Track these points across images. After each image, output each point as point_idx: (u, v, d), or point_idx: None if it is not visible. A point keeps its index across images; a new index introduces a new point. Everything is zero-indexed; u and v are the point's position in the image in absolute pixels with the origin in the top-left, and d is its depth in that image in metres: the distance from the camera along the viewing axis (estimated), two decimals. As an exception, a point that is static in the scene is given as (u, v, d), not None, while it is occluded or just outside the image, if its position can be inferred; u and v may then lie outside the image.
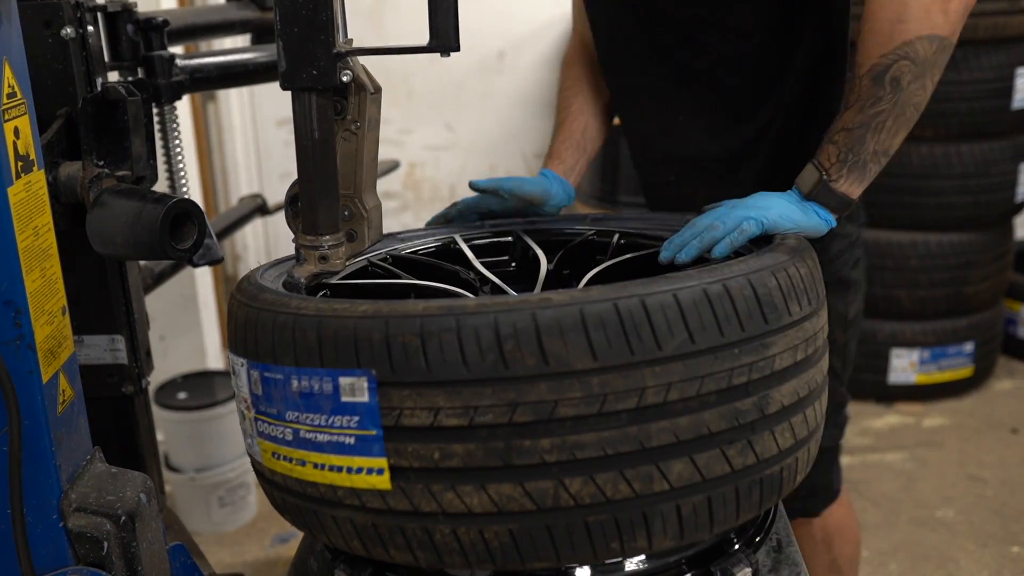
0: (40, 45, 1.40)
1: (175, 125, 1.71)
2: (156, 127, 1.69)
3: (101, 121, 1.38)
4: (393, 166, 2.81)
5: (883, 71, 1.29)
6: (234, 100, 3.86)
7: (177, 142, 1.72)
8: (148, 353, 1.63)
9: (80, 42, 1.43)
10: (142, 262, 1.78)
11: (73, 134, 1.42)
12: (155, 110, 1.68)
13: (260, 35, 2.21)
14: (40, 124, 1.18)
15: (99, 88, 1.46)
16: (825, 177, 1.31)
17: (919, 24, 1.28)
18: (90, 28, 1.45)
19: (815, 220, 1.30)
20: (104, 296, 1.53)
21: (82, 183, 1.35)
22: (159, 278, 2.01)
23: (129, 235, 1.30)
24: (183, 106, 3.17)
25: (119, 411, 1.61)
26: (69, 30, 1.40)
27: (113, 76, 1.58)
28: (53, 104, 1.41)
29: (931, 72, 1.31)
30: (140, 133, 1.42)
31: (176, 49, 1.72)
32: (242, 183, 3.85)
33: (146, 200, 1.31)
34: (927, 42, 1.29)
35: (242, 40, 2.59)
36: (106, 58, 1.54)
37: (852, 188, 1.32)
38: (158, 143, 1.69)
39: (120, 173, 1.38)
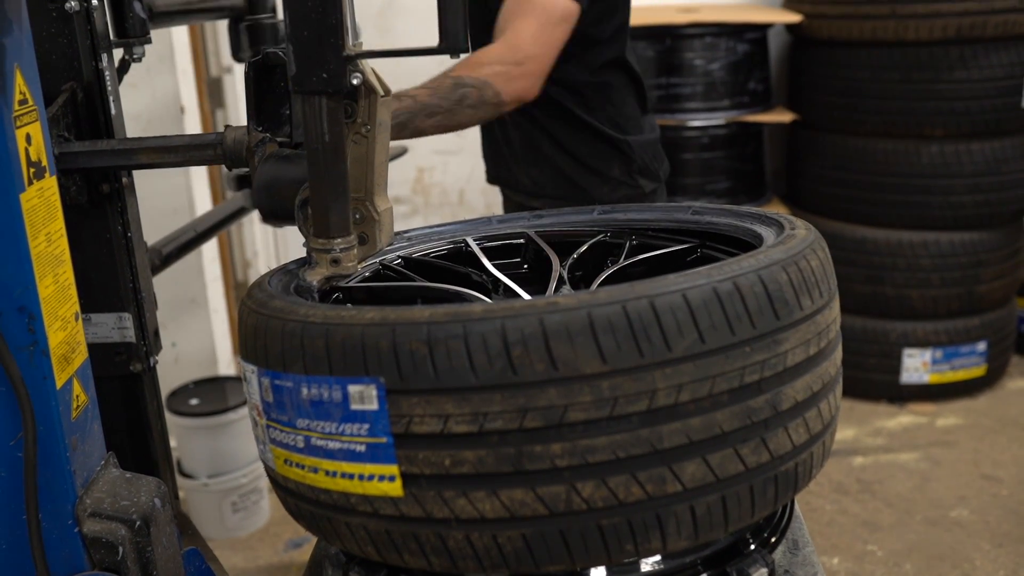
0: (44, 19, 1.40)
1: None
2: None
3: (261, 86, 1.37)
4: (401, 152, 2.81)
5: (462, 84, 1.70)
6: (242, 107, 3.86)
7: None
8: (156, 333, 1.61)
9: (84, 16, 1.43)
10: (150, 243, 1.76)
11: (78, 109, 1.43)
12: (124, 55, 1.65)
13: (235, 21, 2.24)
14: (45, 98, 1.18)
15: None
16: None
17: (501, 80, 1.74)
18: (94, 1, 1.44)
19: None
20: (112, 274, 1.52)
21: (248, 147, 1.35)
22: (167, 259, 1.99)
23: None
24: (192, 110, 3.18)
25: (127, 390, 1.60)
26: (73, 3, 1.40)
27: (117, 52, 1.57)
28: (58, 79, 1.42)
29: (468, 114, 1.73)
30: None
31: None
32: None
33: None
34: (491, 90, 1.73)
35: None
36: (111, 35, 1.53)
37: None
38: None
39: (280, 139, 1.38)
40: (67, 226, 1.17)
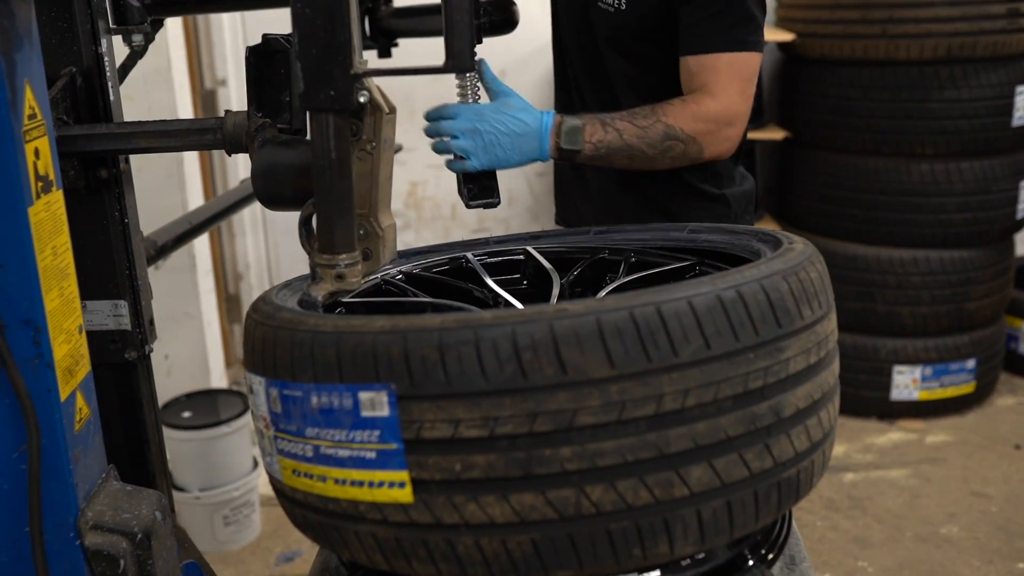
0: (45, 2, 1.39)
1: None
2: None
3: (262, 72, 1.36)
4: (396, 149, 2.80)
5: (673, 136, 1.66)
6: (234, 97, 3.87)
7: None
8: (151, 321, 1.60)
9: (84, 0, 1.42)
10: (145, 233, 1.74)
11: (77, 93, 1.42)
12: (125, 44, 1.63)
13: None
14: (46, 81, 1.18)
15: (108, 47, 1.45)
16: (578, 144, 1.61)
17: (709, 140, 1.69)
18: None
19: (534, 153, 1.59)
20: (108, 261, 1.51)
21: (247, 132, 1.36)
22: (161, 250, 1.98)
23: (301, 186, 1.28)
24: (185, 103, 3.18)
25: (122, 378, 1.58)
26: None
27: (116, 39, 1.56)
28: (58, 63, 1.41)
29: (666, 163, 1.70)
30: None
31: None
32: (240, 168, 3.83)
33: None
34: (696, 147, 1.69)
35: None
36: (110, 21, 1.52)
37: (582, 159, 1.65)
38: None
39: (280, 124, 1.38)
40: (66, 212, 1.16)
